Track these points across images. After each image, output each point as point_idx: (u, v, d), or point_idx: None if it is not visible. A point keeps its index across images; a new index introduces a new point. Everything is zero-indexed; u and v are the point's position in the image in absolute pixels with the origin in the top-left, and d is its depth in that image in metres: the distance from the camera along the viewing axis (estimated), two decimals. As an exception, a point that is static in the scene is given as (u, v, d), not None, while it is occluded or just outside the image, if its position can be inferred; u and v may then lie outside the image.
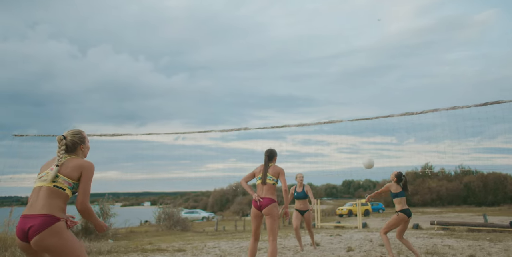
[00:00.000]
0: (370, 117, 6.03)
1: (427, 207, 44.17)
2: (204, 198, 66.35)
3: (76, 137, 2.84)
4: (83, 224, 12.54)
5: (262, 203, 4.95)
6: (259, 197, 5.01)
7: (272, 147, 5.38)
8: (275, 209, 4.98)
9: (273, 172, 5.10)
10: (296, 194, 7.29)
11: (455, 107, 5.41)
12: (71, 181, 2.63)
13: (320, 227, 16.63)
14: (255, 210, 5.05)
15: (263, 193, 5.01)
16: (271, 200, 4.95)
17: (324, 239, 9.47)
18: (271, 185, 5.03)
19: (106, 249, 7.50)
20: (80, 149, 2.86)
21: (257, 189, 5.11)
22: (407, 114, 5.74)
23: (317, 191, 75.34)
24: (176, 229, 16.25)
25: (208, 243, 9.35)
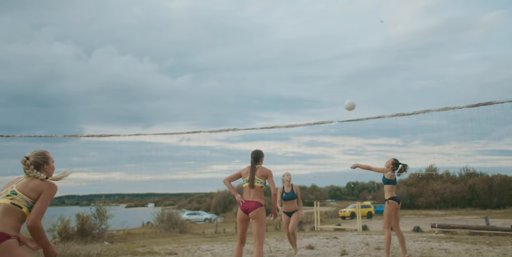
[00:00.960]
0: (360, 118, 5.89)
1: (431, 209, 43.78)
2: (208, 199, 66.29)
3: (38, 158, 2.88)
4: (79, 226, 12.46)
5: (248, 207, 4.83)
6: (245, 200, 4.89)
7: (259, 149, 5.25)
8: (262, 213, 4.85)
9: (260, 175, 4.97)
10: (285, 194, 6.88)
11: (447, 108, 5.26)
12: (30, 200, 2.64)
13: (319, 229, 16.45)
14: (241, 213, 4.92)
15: (250, 196, 4.89)
16: (258, 203, 4.83)
17: (320, 242, 9.31)
18: (259, 188, 4.91)
19: (95, 252, 7.39)
20: (44, 170, 2.90)
21: (244, 192, 4.99)
22: (398, 115, 5.60)
23: (321, 193, 75.11)
24: (175, 231, 16.14)
25: (202, 246, 9.22)
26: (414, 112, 5.57)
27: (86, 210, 13.33)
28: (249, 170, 5.02)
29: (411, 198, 47.11)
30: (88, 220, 12.74)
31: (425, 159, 22.84)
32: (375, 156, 6.65)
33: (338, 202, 61.32)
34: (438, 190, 45.96)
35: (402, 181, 50.77)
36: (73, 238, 11.96)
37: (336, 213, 35.50)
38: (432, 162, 34.49)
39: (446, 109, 5.26)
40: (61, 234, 12.05)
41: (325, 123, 5.98)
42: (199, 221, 36.65)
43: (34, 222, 2.57)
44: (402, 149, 7.66)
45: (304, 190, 71.95)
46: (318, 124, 6.05)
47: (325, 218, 32.13)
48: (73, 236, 12.08)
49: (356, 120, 5.91)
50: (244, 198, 4.93)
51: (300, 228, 18.60)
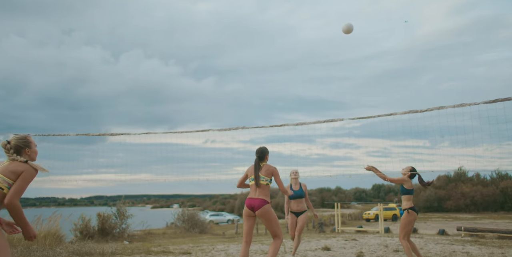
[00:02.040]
0: (372, 116, 5.67)
1: (460, 213, 42.33)
2: (231, 200, 66.48)
3: (19, 142, 2.94)
4: (99, 225, 12.65)
5: (254, 204, 4.79)
6: (250, 197, 4.87)
7: (263, 146, 5.14)
8: (269, 210, 4.79)
9: (266, 173, 4.91)
10: (293, 193, 6.53)
11: (462, 104, 4.97)
12: (11, 181, 2.73)
13: (340, 231, 16.12)
14: (247, 210, 4.89)
15: (256, 193, 4.84)
16: (263, 201, 4.77)
17: (338, 244, 9.08)
18: (265, 186, 4.86)
19: (110, 250, 7.43)
20: (26, 153, 2.95)
21: (251, 190, 4.94)
22: (411, 112, 5.35)
23: (346, 195, 73.97)
24: (195, 231, 16.17)
25: (217, 246, 9.16)
26: (428, 108, 5.31)
27: (107, 210, 13.53)
28: (254, 169, 4.97)
29: (439, 201, 45.71)
30: (109, 219, 12.91)
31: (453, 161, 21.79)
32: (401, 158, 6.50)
33: (364, 205, 60.22)
34: (468, 193, 44.32)
35: (430, 184, 49.32)
36: (93, 237, 12.15)
37: (360, 216, 34.84)
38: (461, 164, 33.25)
39: (462, 105, 4.99)
40: (82, 232, 12.26)
41: (335, 121, 5.80)
42: (222, 222, 36.74)
43: (10, 201, 2.64)
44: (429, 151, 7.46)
45: (329, 192, 71.10)
46: (328, 121, 5.88)
47: (349, 220, 31.60)
48: (93, 235, 12.27)
49: (367, 118, 5.70)
50: (250, 195, 4.91)
51: (321, 230, 18.31)
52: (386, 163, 6.20)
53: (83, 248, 7.44)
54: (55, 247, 7.35)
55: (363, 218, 32.63)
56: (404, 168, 5.87)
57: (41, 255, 6.51)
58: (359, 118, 5.71)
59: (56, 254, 6.73)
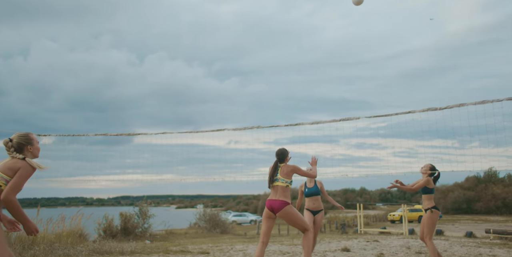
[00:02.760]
0: (389, 114, 5.50)
1: (491, 215, 40.89)
2: (255, 201, 66.50)
3: (21, 139, 2.97)
4: (122, 224, 12.86)
5: (274, 206, 4.78)
6: (270, 198, 4.87)
7: (283, 147, 5.13)
8: (290, 211, 4.79)
9: (286, 174, 4.91)
10: (307, 190, 6.33)
11: (484, 101, 4.75)
12: (9, 178, 2.77)
13: (363, 232, 15.83)
14: (268, 212, 4.88)
15: (276, 195, 4.84)
16: (284, 203, 4.77)
17: (358, 245, 8.90)
18: (284, 187, 4.85)
19: (129, 249, 7.52)
20: (28, 150, 2.98)
21: (271, 191, 4.94)
22: (429, 109, 5.17)
23: (371, 196, 72.81)
24: (216, 231, 16.22)
25: (236, 246, 9.13)
26: (447, 106, 5.11)
27: (129, 209, 13.74)
28: (271, 169, 4.98)
29: (468, 203, 44.30)
30: (131, 219, 13.11)
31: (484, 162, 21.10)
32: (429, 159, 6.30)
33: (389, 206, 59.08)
34: (499, 194, 42.73)
35: (458, 185, 47.99)
36: (116, 236, 12.35)
37: (385, 217, 34.18)
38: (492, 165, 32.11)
39: (484, 102, 4.77)
40: (105, 232, 12.48)
41: (351, 119, 5.67)
42: (244, 223, 36.78)
43: (5, 196, 2.67)
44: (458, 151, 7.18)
45: (353, 193, 70.14)
46: (344, 120, 5.77)
47: (373, 222, 31.07)
48: (116, 234, 12.47)
49: (385, 116, 5.54)
50: (271, 197, 4.91)
51: (343, 231, 18.04)
52: (413, 164, 6.09)
53: (104, 247, 7.56)
54: (77, 246, 7.49)
55: (388, 219, 32.01)
56: (423, 167, 5.70)
57: (62, 253, 6.64)
58: (375, 116, 5.57)
59: (77, 252, 6.86)
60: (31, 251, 6.39)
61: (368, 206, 59.53)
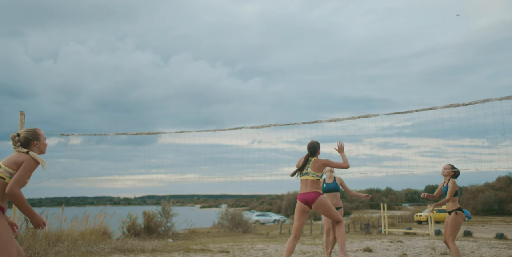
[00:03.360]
0: (409, 110, 5.34)
1: (524, 216, 39.34)
2: (278, 201, 66.37)
3: (28, 134, 3.01)
4: (145, 223, 13.05)
5: (308, 198, 4.80)
6: (302, 192, 4.88)
7: (315, 140, 5.13)
8: (324, 201, 4.82)
9: (317, 168, 4.91)
10: (326, 185, 6.13)
11: (509, 97, 4.53)
12: (13, 171, 2.80)
13: (387, 233, 15.51)
14: (301, 205, 4.88)
15: (307, 187, 4.86)
16: (317, 193, 4.80)
17: (381, 246, 8.71)
18: (315, 181, 4.88)
19: (150, 247, 7.60)
20: (34, 145, 3.02)
21: (301, 184, 4.97)
22: (452, 105, 4.96)
23: (397, 196, 71.40)
24: (238, 230, 16.24)
25: (256, 245, 9.11)
26: (471, 102, 4.90)
27: (152, 208, 13.93)
28: (302, 161, 4.99)
29: (499, 203, 42.74)
30: (154, 218, 13.29)
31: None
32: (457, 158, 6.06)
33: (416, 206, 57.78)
34: (533, 194, 41.13)
35: (489, 185, 46.45)
36: (139, 235, 12.55)
37: (411, 217, 33.42)
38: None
39: (509, 98, 4.55)
40: (129, 230, 12.70)
41: (370, 116, 5.54)
42: (268, 222, 36.72)
43: (10, 189, 2.70)
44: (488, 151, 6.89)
45: (378, 193, 68.96)
46: (362, 117, 5.64)
47: (399, 222, 30.43)
48: (139, 233, 12.67)
49: (404, 113, 5.38)
50: (302, 191, 4.94)
51: (367, 231, 17.72)
52: (440, 163, 5.94)
53: (126, 245, 7.67)
54: (99, 243, 7.64)
55: (414, 220, 31.29)
56: (445, 168, 5.57)
57: (85, 250, 6.78)
58: (395, 113, 5.42)
59: (99, 249, 6.98)
60: (56, 248, 6.54)
61: (394, 207, 58.40)
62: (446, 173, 5.50)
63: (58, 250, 6.36)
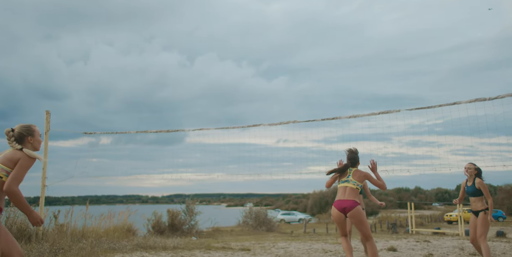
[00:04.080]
0: (432, 105, 5.12)
1: None
2: (304, 200, 65.93)
3: (23, 130, 3.00)
4: (169, 221, 13.18)
5: (345, 205, 4.67)
6: (339, 199, 4.75)
7: (355, 149, 5.05)
8: (360, 211, 4.69)
9: (358, 177, 4.82)
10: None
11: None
12: (9, 169, 2.81)
13: (414, 233, 15.10)
14: (337, 212, 4.75)
15: (345, 195, 4.75)
16: (354, 202, 4.67)
17: (407, 245, 8.46)
18: (354, 189, 4.76)
19: (172, 245, 7.66)
20: (28, 142, 3.01)
21: (339, 192, 4.86)
22: (477, 100, 4.73)
23: (427, 196, 69.64)
24: (262, 229, 16.20)
25: (279, 244, 9.03)
26: (498, 96, 4.65)
27: (177, 207, 14.07)
28: (342, 167, 4.91)
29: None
30: (178, 216, 13.41)
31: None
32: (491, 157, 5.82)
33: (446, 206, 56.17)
34: None
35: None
36: (164, 232, 12.69)
37: (441, 217, 32.49)
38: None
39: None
40: (154, 228, 12.86)
41: (391, 112, 5.35)
42: (293, 221, 36.52)
43: (8, 187, 2.70)
44: None
45: (407, 193, 67.46)
46: (383, 113, 5.46)
47: (428, 222, 29.64)
48: (164, 230, 12.81)
49: (426, 108, 5.16)
50: (339, 197, 4.81)
51: (394, 231, 17.32)
52: (473, 162, 5.71)
53: (148, 242, 7.75)
54: (122, 240, 7.75)
55: (445, 220, 30.39)
56: (469, 169, 5.47)
57: (107, 247, 6.89)
58: (416, 108, 5.23)
59: (121, 246, 7.08)
60: (80, 244, 6.68)
61: (423, 206, 56.97)
62: (470, 174, 5.43)
63: (82, 246, 6.49)
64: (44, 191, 7.23)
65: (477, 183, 5.36)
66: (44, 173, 7.31)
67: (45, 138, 7.50)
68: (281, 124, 6.34)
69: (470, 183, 5.49)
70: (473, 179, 5.44)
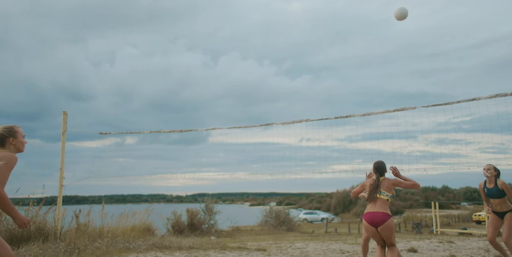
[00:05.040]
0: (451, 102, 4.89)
1: None
2: (328, 199, 65.33)
3: (4, 131, 2.95)
4: (189, 220, 13.23)
5: (375, 219, 4.53)
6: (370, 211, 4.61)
7: (380, 160, 4.92)
8: (392, 225, 4.56)
9: (387, 187, 4.69)
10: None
11: None
12: None
13: (439, 233, 14.63)
14: (368, 225, 4.62)
15: (375, 207, 4.60)
16: (386, 214, 4.53)
17: (429, 246, 8.17)
18: (385, 201, 4.64)
19: (187, 244, 7.64)
20: (10, 143, 2.96)
21: (369, 204, 4.71)
22: (497, 95, 4.48)
23: (455, 195, 67.76)
24: (282, 228, 16.08)
25: (296, 244, 8.90)
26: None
27: (196, 206, 14.12)
28: (372, 183, 4.76)
29: None
30: (197, 215, 13.45)
31: None
32: None
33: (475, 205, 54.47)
34: None
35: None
36: (183, 232, 12.75)
37: (470, 217, 31.51)
38: None
39: None
40: (174, 227, 12.94)
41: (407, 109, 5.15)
42: (316, 221, 36.22)
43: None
44: None
45: (434, 192, 65.85)
46: (398, 110, 5.27)
47: (455, 222, 28.79)
48: (183, 230, 12.87)
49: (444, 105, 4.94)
50: (369, 209, 4.69)
51: (418, 231, 16.86)
52: (504, 160, 5.51)
53: (164, 242, 7.76)
54: (138, 240, 7.79)
55: (473, 219, 29.46)
56: (488, 170, 5.33)
57: (122, 246, 6.93)
58: (433, 105, 5.02)
59: (136, 246, 7.11)
60: (95, 244, 6.74)
61: (451, 206, 55.45)
62: (490, 174, 5.32)
63: (97, 246, 6.54)
64: (62, 191, 7.33)
65: (501, 184, 5.23)
66: (62, 173, 7.42)
67: (62, 139, 7.62)
68: (294, 123, 6.22)
69: (491, 185, 5.35)
70: (494, 180, 5.31)
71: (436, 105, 5.10)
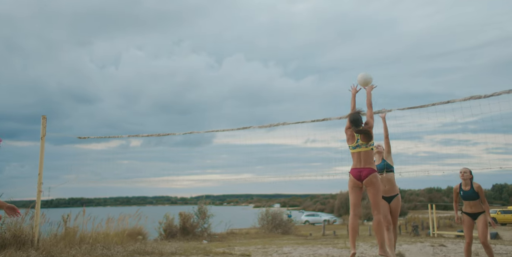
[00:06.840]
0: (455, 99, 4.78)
1: None
2: (331, 200, 65.03)
3: None
4: (181, 224, 13.06)
5: (361, 173, 4.60)
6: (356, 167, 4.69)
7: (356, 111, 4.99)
8: (378, 179, 4.63)
9: (363, 137, 4.69)
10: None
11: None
12: None
13: (436, 235, 14.35)
14: (354, 181, 4.66)
15: (361, 163, 4.65)
16: (372, 169, 4.61)
17: (419, 250, 7.94)
18: (369, 152, 4.67)
19: (169, 250, 7.47)
20: None
21: (354, 160, 4.75)
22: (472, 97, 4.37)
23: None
24: (277, 231, 15.86)
25: (284, 248, 8.70)
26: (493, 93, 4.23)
27: (188, 209, 13.93)
28: (352, 135, 4.79)
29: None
30: (190, 219, 13.26)
31: None
32: None
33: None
34: None
35: None
36: (175, 236, 12.58)
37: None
38: None
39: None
40: (166, 231, 12.77)
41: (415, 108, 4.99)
42: (318, 223, 35.93)
43: None
44: None
45: (439, 193, 65.24)
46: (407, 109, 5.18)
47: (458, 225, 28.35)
48: (175, 234, 12.69)
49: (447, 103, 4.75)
50: (355, 165, 4.72)
51: (415, 233, 16.57)
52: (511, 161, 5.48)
53: (146, 247, 7.60)
54: (118, 246, 7.62)
55: (476, 220, 28.99)
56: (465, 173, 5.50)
57: (100, 253, 6.77)
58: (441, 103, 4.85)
59: (115, 253, 6.94)
60: (72, 251, 6.58)
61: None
62: (466, 177, 5.49)
63: (73, 254, 6.38)
64: (40, 196, 7.20)
65: (477, 187, 5.42)
66: (40, 179, 7.29)
67: (41, 143, 7.49)
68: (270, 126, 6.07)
69: (467, 188, 5.50)
70: (470, 183, 5.47)
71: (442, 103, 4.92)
